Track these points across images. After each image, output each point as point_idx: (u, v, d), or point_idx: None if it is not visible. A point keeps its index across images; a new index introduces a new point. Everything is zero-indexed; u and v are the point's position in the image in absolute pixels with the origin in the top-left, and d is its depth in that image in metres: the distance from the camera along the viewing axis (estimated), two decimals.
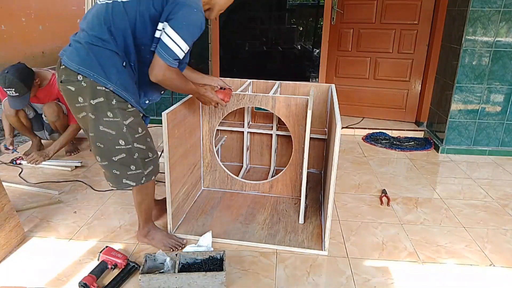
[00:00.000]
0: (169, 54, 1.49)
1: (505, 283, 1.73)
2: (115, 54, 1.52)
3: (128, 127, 1.58)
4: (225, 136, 2.71)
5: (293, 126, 2.24)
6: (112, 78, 1.51)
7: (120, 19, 1.50)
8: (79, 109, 1.56)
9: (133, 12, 1.50)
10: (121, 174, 1.65)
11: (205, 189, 2.48)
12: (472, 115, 3.20)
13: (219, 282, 1.59)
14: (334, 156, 1.69)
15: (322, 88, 2.57)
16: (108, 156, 1.61)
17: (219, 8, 1.75)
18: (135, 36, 1.53)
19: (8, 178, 2.64)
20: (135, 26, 1.52)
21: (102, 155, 1.62)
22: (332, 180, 1.73)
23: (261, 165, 2.80)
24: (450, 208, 2.37)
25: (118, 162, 1.62)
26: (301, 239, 1.97)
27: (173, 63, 1.52)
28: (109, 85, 1.50)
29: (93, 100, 1.51)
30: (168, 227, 1.97)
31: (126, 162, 1.63)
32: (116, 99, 1.53)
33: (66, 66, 1.51)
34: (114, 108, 1.54)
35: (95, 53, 1.49)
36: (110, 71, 1.50)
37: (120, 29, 1.51)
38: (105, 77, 1.49)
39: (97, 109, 1.53)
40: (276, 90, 2.42)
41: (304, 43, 5.86)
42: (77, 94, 1.52)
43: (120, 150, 1.60)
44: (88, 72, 1.48)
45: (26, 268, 1.74)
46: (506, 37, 2.98)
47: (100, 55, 1.49)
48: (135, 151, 1.62)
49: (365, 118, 4.08)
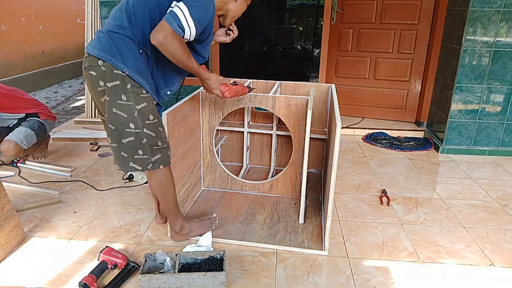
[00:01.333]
0: (176, 20, 1.51)
1: (505, 283, 1.73)
2: (132, 41, 1.58)
3: (140, 112, 1.62)
4: (225, 136, 2.71)
5: (293, 126, 2.24)
6: (128, 62, 1.57)
7: (140, 9, 1.58)
8: (100, 93, 1.62)
9: (153, 3, 1.58)
10: (129, 157, 1.68)
11: (205, 189, 2.48)
12: (472, 115, 3.20)
13: (219, 282, 1.59)
14: (334, 156, 1.69)
15: (322, 88, 2.57)
16: (118, 138, 1.65)
17: (232, 15, 1.80)
18: (152, 26, 1.57)
19: (8, 178, 2.64)
20: (154, 17, 1.58)
21: (112, 136, 1.67)
22: (332, 180, 1.73)
23: (261, 165, 2.80)
24: (450, 208, 2.37)
25: (126, 145, 1.66)
26: (301, 239, 1.97)
27: (177, 29, 1.52)
28: (125, 69, 1.56)
29: (109, 83, 1.57)
30: (168, 227, 1.97)
31: (134, 146, 1.66)
32: (131, 83, 1.58)
33: (88, 53, 1.60)
34: (129, 92, 1.58)
35: (114, 40, 1.56)
36: (127, 56, 1.57)
37: (139, 18, 1.58)
38: (121, 62, 1.56)
39: (112, 91, 1.58)
40: (276, 90, 2.42)
41: (304, 43, 5.85)
42: (98, 78, 1.59)
43: (129, 133, 1.64)
44: (107, 56, 1.55)
45: (26, 268, 1.74)
46: (506, 37, 2.98)
47: (118, 41, 1.57)
48: (143, 136, 1.65)
49: (365, 118, 4.08)
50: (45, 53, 6.32)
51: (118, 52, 1.56)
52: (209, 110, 2.29)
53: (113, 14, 1.63)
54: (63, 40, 6.68)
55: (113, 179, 2.65)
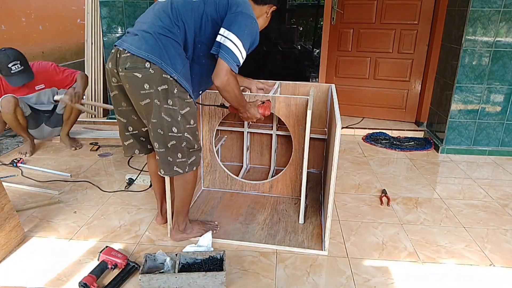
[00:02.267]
0: (234, 59, 1.57)
1: (505, 283, 1.73)
2: (180, 46, 1.60)
3: (183, 117, 1.63)
4: (225, 136, 2.71)
5: (293, 126, 2.24)
6: (177, 67, 1.57)
7: (188, 16, 1.59)
8: (143, 95, 1.58)
9: (200, 12, 1.60)
10: (173, 161, 1.70)
11: (205, 189, 2.48)
12: (472, 115, 3.20)
13: (219, 282, 1.59)
14: (334, 156, 1.69)
15: (322, 88, 2.57)
16: (165, 143, 1.66)
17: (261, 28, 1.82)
18: (196, 34, 1.61)
19: (8, 178, 2.64)
20: (200, 25, 1.60)
21: (160, 141, 1.66)
22: (332, 180, 1.73)
23: (261, 165, 2.80)
24: (450, 208, 2.37)
25: (171, 148, 1.67)
26: (301, 239, 1.97)
27: (235, 68, 1.60)
28: (174, 74, 1.56)
29: (159, 87, 1.56)
30: (168, 227, 1.97)
31: (175, 150, 1.68)
32: (177, 88, 1.59)
33: (132, 54, 1.54)
34: (175, 96, 1.59)
35: (163, 43, 1.55)
36: (176, 61, 1.57)
37: (186, 25, 1.59)
38: (171, 66, 1.55)
39: (161, 95, 1.57)
40: (276, 90, 2.42)
41: (304, 43, 5.85)
42: (144, 80, 1.55)
43: (172, 137, 1.65)
44: (156, 59, 1.53)
45: (26, 268, 1.74)
46: (506, 37, 2.98)
47: (168, 45, 1.56)
48: (183, 140, 1.67)
49: (365, 118, 4.08)
50: (45, 53, 6.31)
51: (168, 56, 1.54)
52: (208, 110, 2.29)
53: (156, 14, 1.60)
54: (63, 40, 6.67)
55: (113, 179, 2.65)
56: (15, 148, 3.24)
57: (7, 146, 3.31)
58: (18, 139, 3.46)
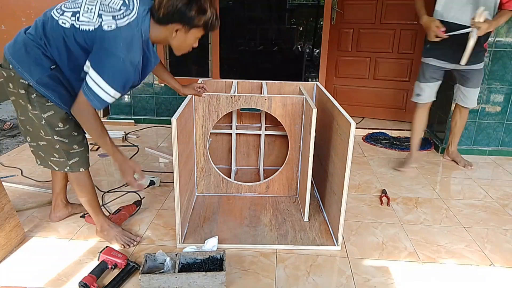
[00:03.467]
0: (94, 96, 1.49)
1: (505, 283, 1.73)
2: (46, 57, 1.56)
3: (46, 120, 1.63)
4: (211, 139, 2.62)
5: (290, 125, 2.24)
6: (34, 74, 1.55)
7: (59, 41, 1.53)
8: (10, 93, 1.66)
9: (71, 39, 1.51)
10: (46, 157, 1.77)
11: (199, 195, 2.41)
12: (472, 115, 3.20)
13: (219, 282, 1.59)
14: (348, 154, 1.76)
15: (307, 87, 2.53)
16: (36, 140, 1.73)
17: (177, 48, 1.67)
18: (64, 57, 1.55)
19: (8, 178, 2.64)
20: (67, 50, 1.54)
21: (31, 136, 1.74)
22: (347, 177, 1.78)
23: (247, 166, 2.75)
24: (450, 208, 2.37)
25: (42, 147, 1.74)
26: (312, 237, 1.98)
27: (96, 105, 1.51)
28: (29, 80, 1.56)
29: (20, 90, 1.59)
30: (176, 238, 1.91)
31: (48, 150, 1.74)
32: (36, 94, 1.59)
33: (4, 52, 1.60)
34: (34, 101, 1.60)
35: (28, 50, 1.55)
36: (35, 68, 1.55)
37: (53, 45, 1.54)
38: (28, 72, 1.55)
39: (24, 98, 1.61)
40: (264, 90, 2.40)
41: (304, 43, 5.86)
42: (8, 80, 1.62)
43: (42, 138, 1.70)
44: (15, 63, 1.56)
45: (26, 268, 1.74)
46: (506, 37, 2.98)
47: (32, 53, 1.55)
48: (55, 143, 1.69)
49: (365, 118, 4.08)
50: None
51: (28, 62, 1.54)
52: (202, 113, 2.24)
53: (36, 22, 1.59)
54: None
55: (113, 179, 2.65)
56: (15, 148, 3.24)
57: (7, 146, 3.31)
58: (18, 139, 3.46)
